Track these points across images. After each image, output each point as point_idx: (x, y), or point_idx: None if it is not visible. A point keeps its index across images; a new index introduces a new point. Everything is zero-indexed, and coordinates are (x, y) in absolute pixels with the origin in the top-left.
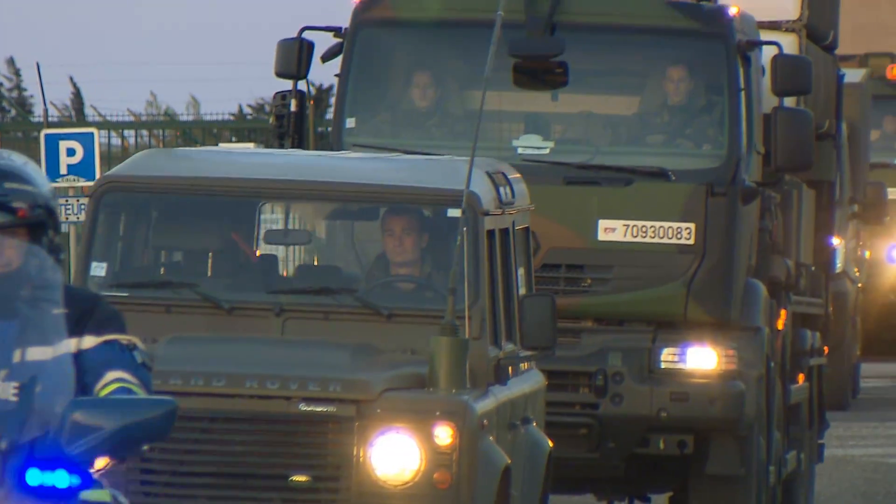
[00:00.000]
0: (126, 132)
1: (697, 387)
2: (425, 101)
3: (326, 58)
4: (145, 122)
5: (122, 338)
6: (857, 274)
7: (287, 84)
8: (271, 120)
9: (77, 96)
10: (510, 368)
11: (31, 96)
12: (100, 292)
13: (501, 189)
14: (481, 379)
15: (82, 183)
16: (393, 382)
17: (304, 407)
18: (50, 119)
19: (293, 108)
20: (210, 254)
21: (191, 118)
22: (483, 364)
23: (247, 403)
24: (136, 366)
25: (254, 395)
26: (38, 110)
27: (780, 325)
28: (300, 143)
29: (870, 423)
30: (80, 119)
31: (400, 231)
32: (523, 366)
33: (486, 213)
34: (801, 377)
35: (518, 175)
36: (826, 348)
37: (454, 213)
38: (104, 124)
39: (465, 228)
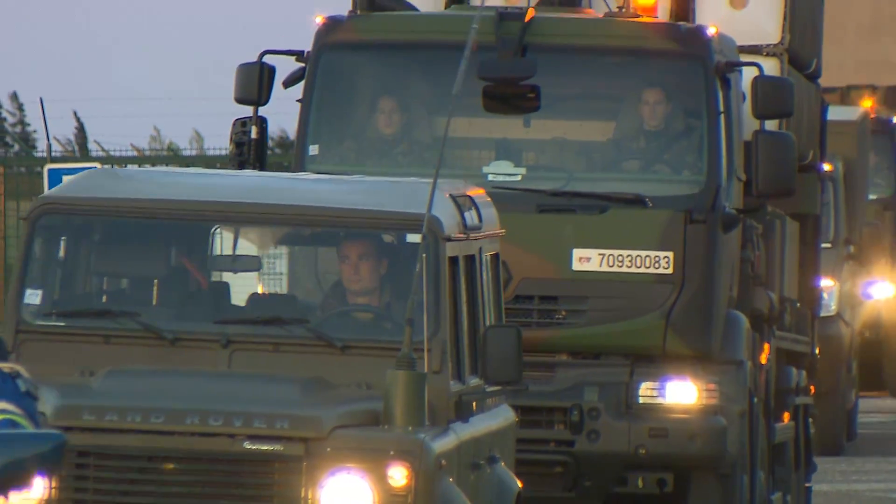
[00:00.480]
0: (129, 167)
1: (677, 422)
2: (391, 127)
3: (288, 83)
4: (148, 157)
5: (4, 366)
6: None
7: (248, 110)
8: (231, 147)
9: (80, 131)
10: (474, 404)
11: (35, 131)
12: (34, 321)
13: (467, 213)
14: (441, 416)
15: None
16: (345, 419)
17: (248, 445)
18: (53, 154)
19: (254, 135)
20: (156, 281)
21: (194, 153)
22: (443, 400)
23: (187, 441)
24: (20, 395)
25: (195, 432)
26: (41, 145)
27: (763, 359)
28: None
29: (873, 457)
30: (84, 154)
31: (356, 257)
32: (491, 401)
33: (449, 239)
34: (786, 416)
35: (487, 199)
36: (812, 388)
37: (413, 238)
38: (107, 159)
39: (424, 255)
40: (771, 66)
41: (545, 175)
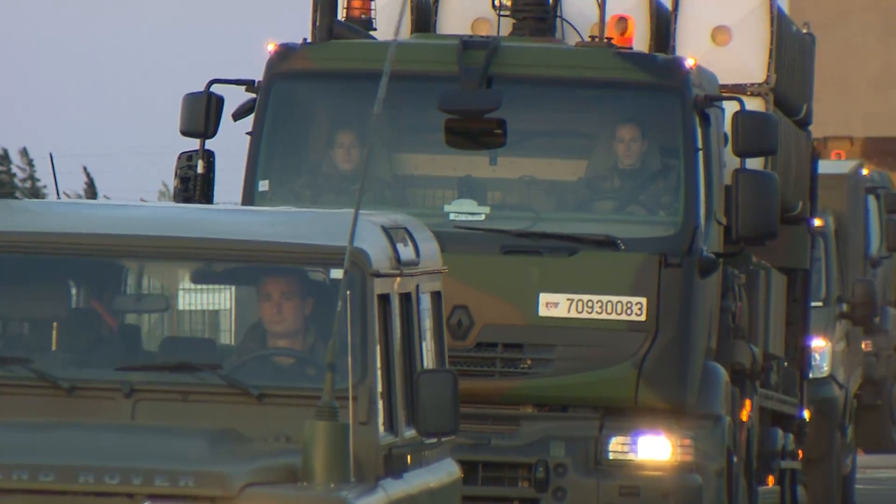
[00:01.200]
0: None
1: (650, 480)
2: (349, 163)
3: (238, 115)
4: None
5: None
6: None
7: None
8: (175, 183)
9: (90, 186)
10: (409, 458)
11: (45, 186)
12: None
13: (401, 247)
14: (369, 471)
15: None
16: (258, 476)
17: None
18: None
19: (200, 169)
20: (55, 324)
21: None
22: (371, 453)
23: (81, 502)
24: None
25: (89, 491)
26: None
27: (744, 416)
28: None
29: None
30: None
31: (278, 296)
32: (431, 454)
33: (378, 274)
34: (770, 479)
35: (427, 232)
36: (801, 452)
37: (337, 273)
38: None
39: (348, 291)
40: (755, 106)
41: (511, 215)
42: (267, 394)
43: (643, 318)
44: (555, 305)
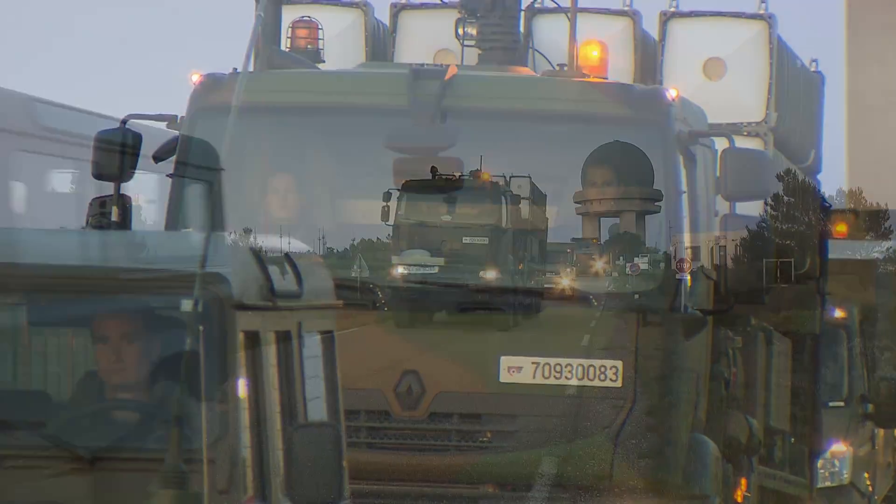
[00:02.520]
0: None
1: None
2: (286, 209)
3: (160, 156)
4: None
5: None
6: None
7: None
8: None
9: None
10: None
11: None
12: None
13: (276, 274)
14: None
15: None
16: None
17: None
18: None
19: (115, 217)
20: None
21: None
22: None
23: None
24: None
25: None
26: None
27: (738, 496)
28: None
29: None
30: None
31: (117, 337)
32: None
33: (242, 306)
34: None
35: (315, 259)
36: None
37: (188, 304)
38: None
39: (200, 327)
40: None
41: (468, 267)
42: (101, 457)
43: (619, 384)
44: (518, 370)
